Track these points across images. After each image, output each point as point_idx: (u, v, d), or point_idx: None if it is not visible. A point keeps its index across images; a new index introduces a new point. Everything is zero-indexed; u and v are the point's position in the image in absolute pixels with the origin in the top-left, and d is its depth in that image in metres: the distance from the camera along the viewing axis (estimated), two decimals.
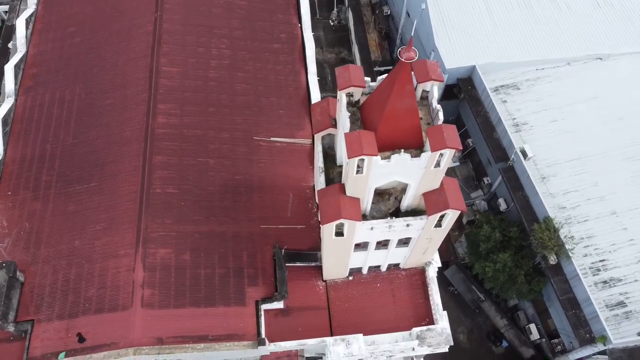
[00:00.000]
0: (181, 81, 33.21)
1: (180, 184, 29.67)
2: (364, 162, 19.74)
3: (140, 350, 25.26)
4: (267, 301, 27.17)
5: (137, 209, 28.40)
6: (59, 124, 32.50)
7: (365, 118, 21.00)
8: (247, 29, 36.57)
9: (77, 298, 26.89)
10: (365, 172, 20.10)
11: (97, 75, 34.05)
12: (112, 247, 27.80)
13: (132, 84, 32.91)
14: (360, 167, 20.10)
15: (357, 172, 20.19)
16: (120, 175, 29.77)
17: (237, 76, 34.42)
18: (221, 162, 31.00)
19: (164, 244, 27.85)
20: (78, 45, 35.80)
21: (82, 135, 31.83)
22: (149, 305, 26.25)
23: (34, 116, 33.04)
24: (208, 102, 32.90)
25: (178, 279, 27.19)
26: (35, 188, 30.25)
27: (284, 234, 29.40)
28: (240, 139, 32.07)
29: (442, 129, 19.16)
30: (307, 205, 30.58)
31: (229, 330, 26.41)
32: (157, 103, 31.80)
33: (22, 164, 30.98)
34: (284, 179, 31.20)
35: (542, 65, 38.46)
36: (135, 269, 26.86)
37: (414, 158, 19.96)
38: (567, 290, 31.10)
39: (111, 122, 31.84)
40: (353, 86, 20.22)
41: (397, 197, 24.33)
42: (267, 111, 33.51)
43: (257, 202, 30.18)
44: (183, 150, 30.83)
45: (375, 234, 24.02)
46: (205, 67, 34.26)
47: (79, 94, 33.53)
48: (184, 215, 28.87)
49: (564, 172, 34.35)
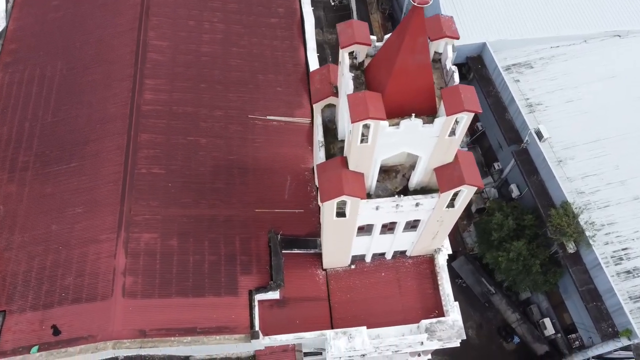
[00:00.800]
0: (171, 56, 30.84)
1: (168, 164, 27.32)
2: (369, 130, 17.35)
3: (120, 344, 22.93)
4: (262, 291, 24.84)
5: (120, 191, 26.07)
6: (39, 102, 30.17)
7: (371, 81, 18.61)
8: (242, 2, 34.18)
9: (53, 287, 24.58)
10: (371, 140, 17.72)
11: (80, 50, 31.68)
12: (92, 232, 25.48)
13: (118, 59, 30.54)
14: (365, 136, 17.71)
15: (362, 141, 17.80)
16: (102, 155, 27.42)
17: (231, 51, 32.05)
18: (213, 141, 28.64)
19: (149, 228, 25.51)
20: (61, 19, 33.41)
21: (62, 114, 29.48)
22: (131, 295, 23.91)
23: (12, 93, 30.68)
24: (200, 78, 30.53)
25: (164, 266, 24.86)
26: (12, 169, 27.92)
27: (281, 218, 27.07)
28: (235, 117, 29.72)
29: (459, 89, 16.78)
30: (306, 189, 28.24)
31: (220, 322, 24.09)
32: (144, 78, 29.45)
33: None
34: (281, 160, 28.85)
35: (557, 43, 36.08)
36: (117, 255, 24.52)
37: (426, 124, 17.56)
38: (587, 280, 28.72)
39: (94, 99, 29.49)
40: (357, 43, 17.84)
41: (405, 174, 21.97)
42: (264, 88, 31.15)
43: (251, 184, 27.83)
44: (172, 128, 28.46)
45: (381, 215, 21.63)
46: (197, 41, 31.88)
47: (61, 70, 31.19)
48: (171, 197, 26.53)
49: (582, 154, 31.99)
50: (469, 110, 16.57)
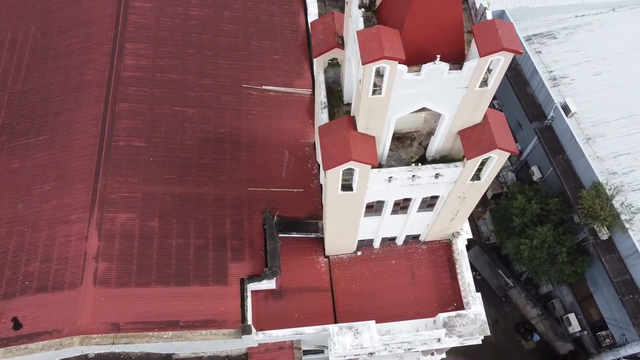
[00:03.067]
0: (155, 18, 27.67)
1: (150, 137, 24.16)
2: (383, 78, 14.13)
3: (89, 339, 19.80)
4: (255, 279, 21.70)
5: (95, 165, 22.97)
6: (8, 70, 27.08)
7: (384, 21, 15.36)
8: None
9: (16, 274, 21.51)
10: (386, 91, 14.50)
11: (55, 12, 28.53)
12: (62, 211, 22.39)
13: (96, 22, 27.40)
14: (378, 86, 14.50)
15: (374, 92, 14.58)
16: (76, 126, 24.30)
17: (223, 15, 28.85)
18: (202, 112, 25.47)
19: (127, 207, 22.36)
20: None
21: (34, 82, 26.35)
22: (104, 283, 20.80)
23: None
24: (187, 43, 27.34)
25: (142, 251, 21.73)
26: None
27: (278, 198, 23.92)
28: (227, 86, 26.56)
29: (495, 24, 13.58)
30: (306, 166, 25.09)
31: (206, 315, 21.00)
32: (124, 42, 26.29)
33: None
34: (278, 134, 25.68)
35: (582, 11, 32.88)
36: (89, 238, 21.41)
37: (453, 71, 14.33)
38: (622, 270, 25.53)
39: (69, 65, 26.36)
40: None
41: (422, 142, 18.81)
42: (259, 56, 27.96)
43: (244, 160, 24.69)
44: (155, 97, 25.29)
45: (394, 190, 18.44)
46: (184, 3, 28.67)
47: (34, 34, 28.06)
48: (152, 173, 23.37)
49: (613, 132, 28.82)
50: (508, 49, 13.35)
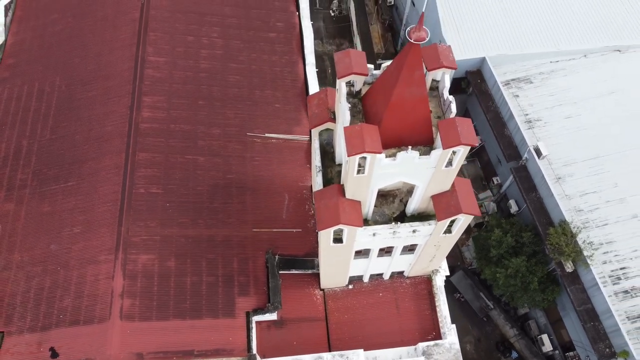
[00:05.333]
0: (169, 72, 30.80)
1: (166, 184, 27.27)
2: (366, 161, 17.31)
3: None
4: (259, 312, 24.84)
5: (118, 211, 26.04)
6: (37, 118, 30.14)
7: (367, 110, 18.57)
8: (240, 17, 34.13)
9: (51, 308, 24.55)
10: (368, 172, 17.67)
11: (78, 65, 31.66)
12: (90, 252, 25.44)
13: (116, 75, 30.52)
14: (362, 167, 17.67)
15: (359, 172, 17.76)
16: (100, 174, 27.39)
17: (230, 67, 32.00)
18: (211, 160, 28.60)
19: (147, 249, 25.48)
20: (59, 33, 33.41)
21: (60, 130, 29.46)
22: (129, 317, 23.88)
23: (10, 109, 30.69)
24: (198, 95, 30.48)
25: (161, 288, 24.82)
26: (9, 187, 27.92)
27: (279, 238, 27.05)
28: (233, 134, 29.67)
29: (456, 122, 16.72)
30: (304, 207, 28.21)
31: (217, 345, 24.07)
32: (142, 95, 29.41)
33: None
34: (279, 179, 28.81)
35: (556, 58, 35.92)
36: (115, 277, 24.50)
37: (422, 156, 17.51)
38: (585, 300, 28.64)
39: (92, 116, 29.46)
40: (354, 74, 17.77)
41: (403, 199, 21.91)
42: (262, 105, 31.09)
43: (249, 203, 27.79)
44: (170, 146, 28.42)
45: (378, 241, 21.61)
46: (195, 57, 31.82)
47: (59, 85, 31.18)
48: (169, 217, 26.48)
49: (581, 172, 31.82)
50: (465, 144, 16.52)
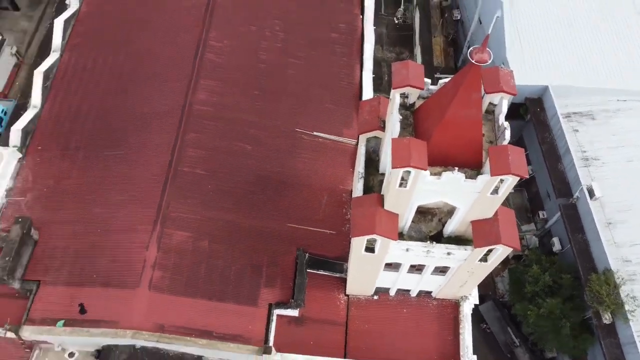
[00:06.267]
0: (228, 58, 31.42)
1: (211, 167, 27.90)
2: (409, 175, 17.15)
3: (139, 335, 23.70)
4: (282, 306, 25.07)
5: (162, 185, 26.86)
6: (98, 87, 31.37)
7: (418, 125, 18.37)
8: (304, 13, 34.37)
9: (87, 267, 25.61)
10: (410, 186, 17.49)
11: (144, 42, 32.69)
12: (130, 221, 26.37)
13: (178, 56, 31.37)
14: (404, 180, 17.52)
15: (401, 185, 17.61)
16: (150, 148, 28.29)
17: (288, 62, 32.35)
18: (258, 149, 29.03)
19: (184, 226, 26.17)
20: (131, 10, 34.54)
21: (119, 101, 30.56)
22: (157, 288, 24.65)
23: (76, 75, 32.06)
24: (253, 85, 30.99)
25: (192, 266, 25.46)
26: (65, 147, 29.25)
27: (312, 237, 27.18)
28: (282, 128, 30.00)
29: (508, 150, 16.31)
30: (341, 210, 28.21)
31: (236, 330, 24.48)
32: (200, 78, 30.17)
33: (56, 120, 30.05)
34: (320, 178, 28.94)
35: (625, 96, 34.34)
36: (149, 248, 25.32)
37: (468, 179, 17.17)
38: (619, 356, 27.26)
39: (151, 92, 30.38)
40: (410, 86, 17.61)
41: (442, 219, 21.54)
42: (315, 103, 31.29)
43: (289, 198, 28.06)
44: (219, 131, 29.04)
45: (410, 257, 21.36)
46: (255, 47, 32.36)
47: (124, 59, 32.25)
48: (209, 199, 27.09)
49: (635, 219, 30.35)
50: (515, 174, 16.09)
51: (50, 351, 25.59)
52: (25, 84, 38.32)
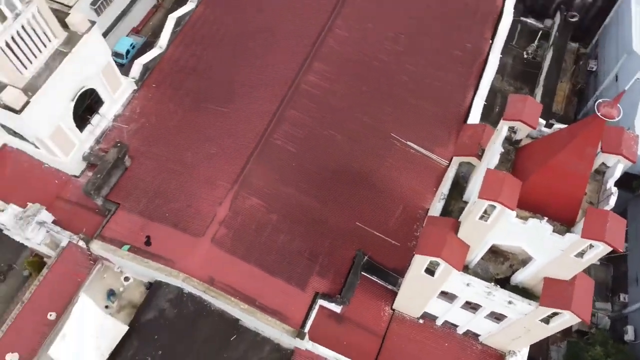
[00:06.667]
0: (347, 49, 31.65)
1: (301, 146, 28.42)
2: (493, 210, 16.41)
3: (189, 280, 24.82)
4: (327, 298, 25.13)
5: (251, 150, 27.79)
6: (221, 44, 32.79)
7: (518, 163, 17.50)
8: (434, 24, 33.78)
9: (163, 205, 27.13)
10: (491, 222, 16.75)
11: (274, 12, 33.53)
12: (214, 175, 27.56)
13: (301, 33, 32.01)
14: (487, 214, 16.80)
15: (482, 217, 16.91)
16: (250, 113, 29.31)
17: (404, 67, 32.04)
18: (349, 143, 29.14)
19: (259, 194, 26.94)
20: None
21: (236, 63, 31.78)
22: (218, 244, 25.63)
23: (204, 27, 33.67)
24: (364, 81, 31.04)
25: (255, 234, 26.19)
26: (176, 91, 30.98)
27: (376, 242, 26.93)
28: (379, 129, 29.84)
29: (608, 217, 15.09)
30: (413, 225, 27.65)
31: (278, 307, 24.91)
32: (314, 60, 30.69)
33: (175, 64, 31.91)
34: (401, 188, 28.51)
35: None
36: (222, 204, 26.35)
37: (555, 234, 16.12)
38: None
39: (266, 60, 31.33)
40: (522, 121, 16.80)
41: (514, 265, 20.46)
42: (417, 114, 30.78)
43: (364, 197, 27.95)
44: (319, 115, 29.46)
45: (469, 293, 20.52)
46: (376, 46, 32.32)
47: (250, 23, 33.38)
48: (290, 177, 27.65)
49: None
50: (608, 243, 14.88)
51: (110, 270, 27.48)
52: (157, 25, 41.02)
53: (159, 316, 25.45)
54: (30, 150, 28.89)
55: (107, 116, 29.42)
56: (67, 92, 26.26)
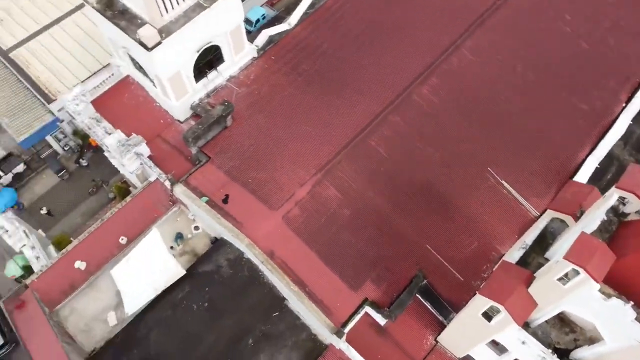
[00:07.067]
0: (469, 73, 30.83)
1: (394, 153, 28.27)
2: (575, 276, 15.43)
3: (252, 247, 25.64)
4: (375, 307, 24.93)
5: (344, 144, 28.07)
6: (348, 34, 33.08)
7: (618, 237, 16.30)
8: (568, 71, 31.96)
9: (250, 170, 28.07)
10: (569, 287, 15.78)
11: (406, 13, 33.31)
12: (303, 156, 28.13)
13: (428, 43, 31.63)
14: (567, 278, 15.83)
15: (561, 279, 15.96)
16: (355, 107, 29.56)
17: (522, 105, 30.61)
18: (443, 165, 28.50)
19: (340, 187, 27.19)
20: None
21: (357, 55, 32.00)
22: (288, 222, 26.24)
23: (335, 15, 34.09)
24: (480, 108, 30.06)
25: (324, 223, 26.50)
26: (293, 69, 31.79)
27: (439, 269, 26.27)
28: (477, 159, 28.87)
29: None
30: (482, 265, 26.60)
31: (325, 299, 25.08)
32: (433, 74, 30.27)
33: (298, 43, 32.76)
34: (481, 225, 27.49)
35: None
36: (303, 186, 26.89)
37: (636, 322, 14.87)
38: None
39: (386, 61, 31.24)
40: (636, 195, 15.55)
41: (578, 340, 19.19)
42: (521, 155, 29.37)
43: (441, 222, 27.30)
44: (420, 129, 29.08)
45: (522, 352, 19.46)
46: (500, 76, 31.18)
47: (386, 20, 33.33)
48: (374, 179, 27.64)
49: None
50: None
51: (184, 215, 29.02)
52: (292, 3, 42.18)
53: (215, 271, 26.59)
54: (148, 87, 31.09)
55: (223, 75, 30.89)
56: (195, 43, 27.87)
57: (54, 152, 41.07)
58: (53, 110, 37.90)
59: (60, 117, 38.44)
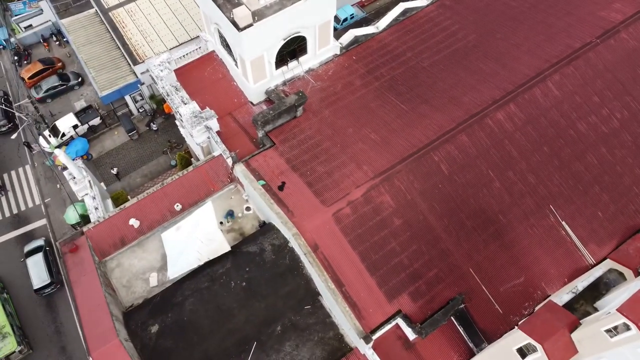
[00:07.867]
0: (549, 103, 29.78)
1: (456, 172, 27.86)
2: (626, 331, 14.79)
3: (298, 237, 26.06)
4: (407, 321, 24.82)
5: (407, 154, 27.93)
6: (434, 46, 32.89)
7: None
8: None
9: (311, 162, 28.50)
10: (616, 341, 15.16)
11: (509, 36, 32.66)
12: (365, 159, 28.24)
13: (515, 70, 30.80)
14: (615, 331, 15.20)
15: (608, 332, 15.34)
16: (427, 119, 29.30)
17: (599, 148, 29.34)
18: (503, 193, 27.86)
19: (394, 196, 27.14)
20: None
21: (438, 69, 31.76)
22: (337, 220, 26.46)
23: (427, 25, 34.06)
24: (549, 142, 29.10)
25: (372, 228, 26.52)
26: (369, 71, 32.06)
27: (479, 296, 25.81)
28: (539, 195, 28.02)
29: None
30: (524, 301, 25.89)
31: (360, 302, 25.22)
32: (513, 100, 29.43)
33: (381, 48, 32.98)
34: (532, 261, 26.72)
35: None
36: (359, 188, 27.03)
37: None
38: None
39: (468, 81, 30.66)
40: None
41: None
42: (588, 199, 28.23)
43: (491, 250, 26.76)
44: (486, 153, 28.50)
45: None
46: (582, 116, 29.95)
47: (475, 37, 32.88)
48: (431, 194, 27.37)
49: None
50: None
51: (238, 194, 29.90)
52: (383, 7, 42.55)
53: (259, 253, 27.23)
54: (230, 65, 32.20)
55: (303, 66, 31.54)
56: (283, 31, 28.61)
57: (129, 112, 43.34)
58: (137, 72, 39.97)
59: (142, 80, 40.48)
